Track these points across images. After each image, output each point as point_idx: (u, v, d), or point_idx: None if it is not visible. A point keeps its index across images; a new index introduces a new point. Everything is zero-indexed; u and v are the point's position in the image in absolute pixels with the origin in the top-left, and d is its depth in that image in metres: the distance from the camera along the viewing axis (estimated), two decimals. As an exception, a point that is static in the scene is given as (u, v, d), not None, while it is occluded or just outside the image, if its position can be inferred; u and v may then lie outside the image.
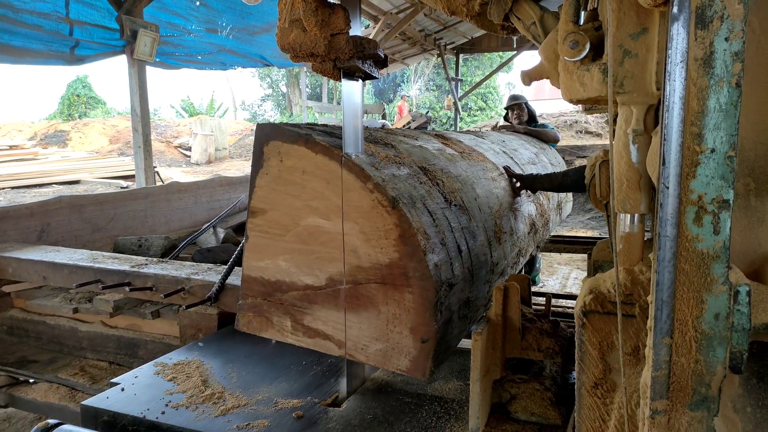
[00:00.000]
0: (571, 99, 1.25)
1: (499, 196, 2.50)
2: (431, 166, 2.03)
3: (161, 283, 2.71)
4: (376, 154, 1.75)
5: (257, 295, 1.82)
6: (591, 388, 1.28)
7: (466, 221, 1.92)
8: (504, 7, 1.52)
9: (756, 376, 1.14)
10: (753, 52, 1.07)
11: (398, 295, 1.56)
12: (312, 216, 1.67)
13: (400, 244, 1.52)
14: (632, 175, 1.23)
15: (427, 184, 1.82)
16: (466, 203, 2.01)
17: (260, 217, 1.78)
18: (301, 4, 1.54)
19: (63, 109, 25.43)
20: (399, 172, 1.74)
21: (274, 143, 1.70)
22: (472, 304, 1.86)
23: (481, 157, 2.71)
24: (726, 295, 0.91)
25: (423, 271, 1.51)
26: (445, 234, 1.69)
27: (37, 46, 5.16)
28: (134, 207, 4.39)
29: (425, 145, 2.29)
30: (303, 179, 1.67)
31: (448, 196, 1.89)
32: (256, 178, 1.76)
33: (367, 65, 1.73)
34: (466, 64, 26.89)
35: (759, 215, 1.11)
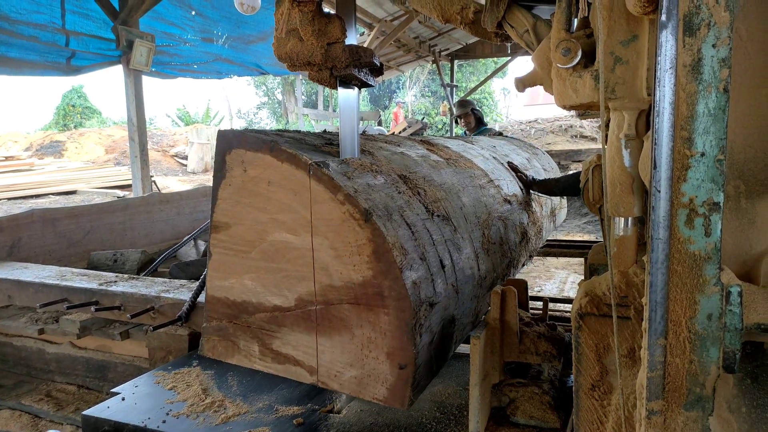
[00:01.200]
0: (564, 105, 1.27)
1: (488, 204, 2.36)
2: (412, 174, 1.91)
3: (130, 302, 2.55)
4: (349, 162, 1.64)
5: (222, 318, 1.71)
6: (588, 390, 1.29)
7: (450, 233, 1.81)
8: (497, 15, 1.54)
9: (750, 376, 1.16)
10: (740, 58, 1.10)
11: (373, 317, 1.43)
12: (279, 231, 1.55)
13: (374, 260, 1.40)
14: (625, 179, 1.25)
15: (407, 194, 1.71)
16: (450, 213, 1.89)
17: (224, 232, 1.66)
18: (297, 14, 1.56)
19: (59, 119, 25.41)
20: (375, 182, 1.62)
21: (237, 152, 1.59)
22: (457, 323, 1.75)
23: (469, 164, 2.60)
24: (718, 296, 0.93)
25: (399, 290, 1.38)
26: (426, 248, 1.57)
27: (33, 58, 5.18)
28: (112, 220, 4.18)
29: (407, 152, 2.18)
30: (268, 191, 1.55)
31: (430, 206, 1.78)
32: (219, 190, 1.64)
33: (363, 73, 1.75)
34: (461, 70, 26.98)
35: (750, 217, 1.13)
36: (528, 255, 2.80)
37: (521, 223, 2.69)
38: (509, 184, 2.81)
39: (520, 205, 2.76)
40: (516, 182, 2.89)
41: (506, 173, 2.93)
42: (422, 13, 2.07)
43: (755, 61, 1.09)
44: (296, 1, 1.52)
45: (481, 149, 3.14)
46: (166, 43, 6.60)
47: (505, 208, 2.51)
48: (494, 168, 2.85)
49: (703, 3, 0.88)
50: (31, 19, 5.06)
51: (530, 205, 2.94)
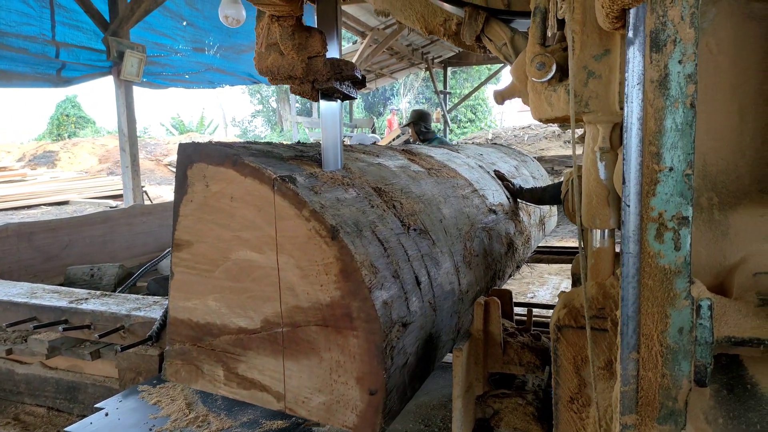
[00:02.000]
0: (540, 118, 1.28)
1: (471, 215, 2.29)
2: (388, 186, 1.85)
3: (100, 321, 2.44)
4: (318, 176, 1.57)
5: (185, 340, 1.64)
6: (567, 402, 1.29)
7: (428, 247, 1.75)
8: (475, 29, 1.56)
9: (726, 387, 1.16)
10: (712, 71, 1.11)
11: (342, 340, 1.37)
12: (243, 249, 1.48)
13: (342, 280, 1.33)
14: (600, 191, 1.26)
15: (381, 207, 1.64)
16: (428, 226, 1.83)
17: (186, 250, 1.59)
18: (277, 28, 1.57)
19: (52, 129, 25.35)
20: (345, 196, 1.56)
21: (199, 166, 1.52)
22: (436, 341, 1.70)
23: (452, 173, 2.54)
24: (689, 310, 0.94)
25: (368, 311, 1.31)
26: (400, 265, 1.51)
27: (23, 69, 5.17)
28: (91, 233, 4.09)
29: (385, 163, 2.11)
30: (231, 207, 1.48)
31: (406, 220, 1.71)
32: (180, 206, 1.57)
33: (345, 86, 1.76)
34: (455, 76, 27.12)
35: (723, 229, 1.14)
36: (515, 266, 2.75)
37: (507, 233, 2.64)
38: (495, 193, 2.77)
39: (506, 214, 2.73)
40: (503, 191, 2.86)
41: (492, 182, 2.90)
42: (406, 25, 2.08)
43: (726, 74, 1.11)
44: (275, 16, 1.53)
45: (467, 157, 3.10)
46: (157, 54, 6.61)
47: (489, 219, 2.47)
48: (480, 177, 2.81)
49: (669, 20, 0.89)
50: (20, 31, 5.06)
51: (517, 214, 2.91)
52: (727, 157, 1.12)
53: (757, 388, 1.15)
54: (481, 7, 1.71)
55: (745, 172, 1.11)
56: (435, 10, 2.00)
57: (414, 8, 2.04)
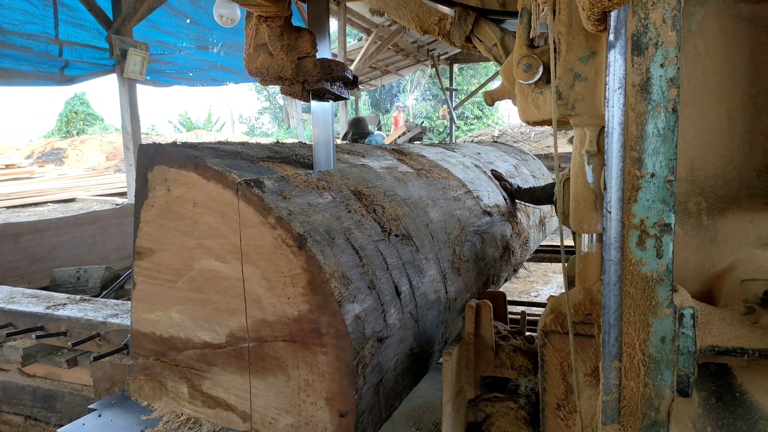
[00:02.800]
0: (527, 121, 1.27)
1: (462, 218, 2.19)
2: (370, 189, 1.75)
3: (75, 328, 2.33)
4: (290, 179, 1.47)
5: (149, 355, 1.55)
6: (554, 409, 1.28)
7: (411, 254, 1.66)
8: (465, 29, 1.54)
9: (715, 396, 1.14)
10: (699, 73, 1.08)
11: (310, 357, 1.28)
12: (206, 258, 1.39)
13: (310, 292, 1.25)
14: (588, 195, 1.24)
15: (359, 212, 1.57)
16: (412, 231, 1.75)
17: (147, 259, 1.49)
18: (266, 29, 1.56)
19: (61, 126, 25.51)
20: (319, 200, 1.47)
21: (160, 168, 1.43)
22: (419, 355, 1.63)
23: (444, 174, 2.46)
24: (671, 318, 0.92)
25: (338, 326, 1.23)
26: (377, 274, 1.43)
27: (26, 68, 5.20)
28: (80, 233, 4.01)
29: (370, 164, 2.03)
30: (194, 212, 1.39)
31: (387, 225, 1.63)
32: (141, 212, 1.48)
33: (336, 87, 1.75)
34: (462, 73, 27.02)
35: (711, 234, 1.11)
36: (512, 270, 2.68)
37: (503, 236, 2.56)
38: (491, 194, 2.70)
39: (502, 216, 2.65)
40: (499, 192, 2.84)
41: (488, 182, 2.83)
42: (401, 24, 2.06)
43: (714, 77, 1.08)
44: (263, 17, 1.52)
45: (462, 156, 3.03)
46: (160, 52, 6.62)
47: (483, 221, 2.39)
48: (475, 177, 2.73)
49: (651, 22, 0.87)
50: (24, 29, 5.08)
51: (515, 215, 2.84)
52: (715, 161, 1.10)
53: (745, 396, 1.13)
54: (474, 8, 1.69)
55: (733, 177, 1.09)
56: (430, 10, 1.98)
57: (409, 7, 2.03)
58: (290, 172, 1.54)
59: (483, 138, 16.64)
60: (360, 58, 10.50)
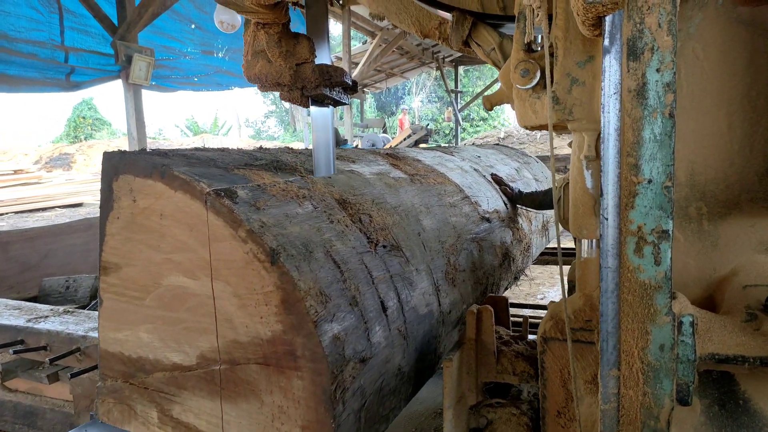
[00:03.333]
0: (525, 125, 1.26)
1: (458, 226, 2.11)
2: (356, 197, 1.67)
3: (56, 342, 2.23)
4: (267, 188, 1.40)
5: (117, 376, 1.47)
6: (554, 416, 1.26)
7: (400, 266, 1.58)
8: (462, 33, 1.53)
9: (718, 403, 1.13)
10: (698, 77, 1.07)
11: (284, 382, 1.19)
12: (175, 273, 1.31)
13: (284, 312, 1.16)
14: (587, 201, 1.23)
15: (343, 223, 1.49)
16: (401, 241, 1.66)
17: (114, 274, 1.41)
18: (264, 36, 1.56)
19: (69, 132, 25.73)
20: (298, 210, 1.38)
21: (125, 178, 1.34)
22: (409, 373, 1.53)
23: (440, 179, 2.37)
24: (670, 326, 0.90)
25: (314, 349, 1.14)
26: (360, 289, 1.35)
27: (32, 75, 5.23)
28: (72, 241, 3.86)
29: (360, 170, 1.95)
30: (161, 225, 1.30)
31: (374, 236, 1.55)
32: (107, 224, 1.40)
33: (335, 92, 1.74)
34: (467, 75, 27.00)
35: (712, 239, 1.10)
36: (512, 277, 2.62)
37: (503, 242, 2.49)
38: (490, 199, 2.63)
39: (502, 222, 2.57)
40: (499, 196, 2.78)
41: (488, 187, 2.75)
42: (402, 28, 2.05)
43: (713, 81, 1.07)
44: (261, 24, 1.52)
45: (461, 160, 2.95)
46: (165, 57, 6.65)
47: (481, 228, 2.31)
48: (473, 182, 2.65)
49: (646, 27, 0.86)
50: (30, 36, 5.12)
51: (516, 221, 2.76)
52: (715, 165, 1.09)
53: (749, 404, 1.11)
54: (474, 12, 1.68)
55: (734, 181, 1.08)
56: (430, 14, 1.98)
57: (409, 12, 2.02)
58: (268, 180, 1.46)
59: (488, 140, 16.61)
60: (365, 61, 10.52)
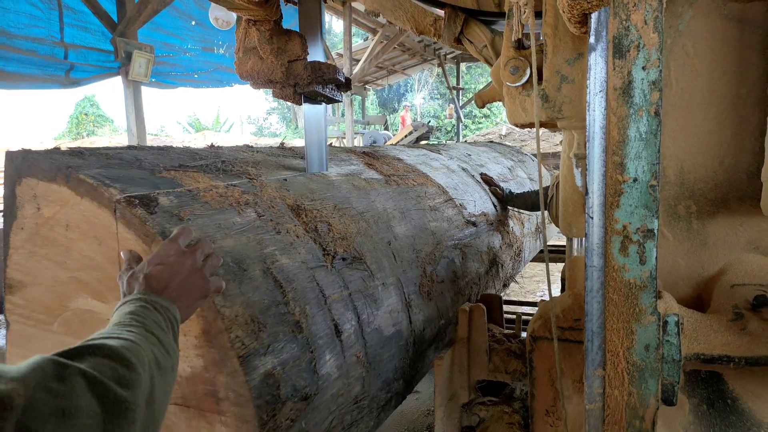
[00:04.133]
0: (515, 123, 1.25)
1: (438, 231, 1.94)
2: (315, 202, 1.49)
3: None
4: (200, 193, 1.19)
5: None
6: (543, 415, 1.26)
7: (362, 280, 1.40)
8: (454, 30, 1.52)
9: (706, 402, 1.12)
10: (689, 74, 1.06)
11: (206, 427, 1.02)
12: (82, 295, 1.13)
13: (205, 344, 0.99)
14: (577, 199, 1.22)
15: (293, 233, 1.29)
16: (366, 252, 1.49)
17: (19, 294, 1.22)
18: (255, 33, 1.55)
19: (72, 128, 25.72)
20: (236, 220, 1.19)
21: (28, 182, 1.13)
22: (371, 405, 1.36)
23: (421, 179, 2.19)
24: (655, 326, 0.90)
25: (239, 390, 0.96)
26: (307, 312, 1.16)
27: (32, 71, 5.22)
28: None
29: (326, 170, 1.80)
30: (67, 238, 1.11)
31: (332, 246, 1.37)
32: (11, 235, 1.20)
33: (328, 89, 1.74)
34: (470, 72, 26.92)
35: (701, 238, 1.09)
36: (502, 284, 2.50)
37: (491, 247, 2.32)
38: (478, 201, 2.46)
39: (490, 225, 2.41)
40: (489, 198, 2.64)
41: (476, 188, 2.58)
42: (397, 25, 2.05)
43: (703, 78, 1.06)
44: (252, 21, 1.51)
45: (448, 159, 2.77)
46: (165, 54, 6.63)
47: (466, 233, 2.15)
48: (460, 182, 2.48)
49: (632, 24, 0.86)
50: (29, 33, 5.10)
51: (506, 224, 2.60)
52: (705, 164, 1.08)
53: (737, 403, 1.11)
54: (469, 9, 1.67)
55: (723, 180, 1.07)
56: (425, 11, 1.97)
57: (404, 8, 2.01)
58: (204, 184, 1.25)
59: (490, 137, 16.55)
60: (366, 57, 10.48)
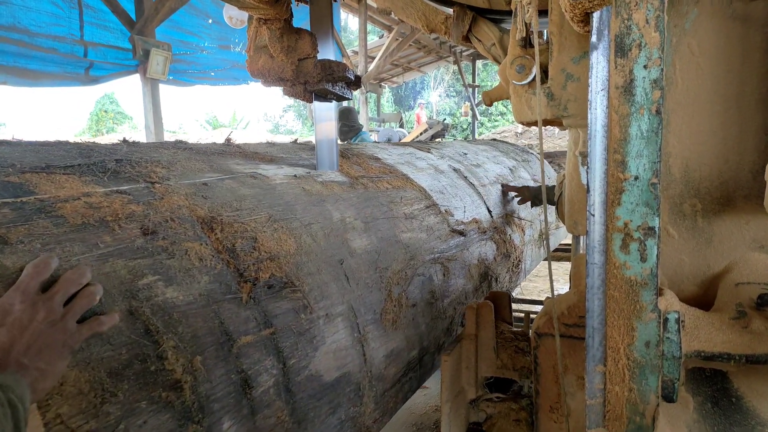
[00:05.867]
0: (522, 121, 1.26)
1: (413, 244, 1.65)
2: (238, 212, 1.19)
3: None
4: (54, 205, 0.90)
5: None
6: (547, 411, 1.27)
7: (294, 313, 1.12)
8: (462, 29, 1.53)
9: (711, 400, 1.12)
10: (693, 73, 1.06)
11: None
12: None
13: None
14: (582, 197, 1.23)
15: (197, 255, 1.00)
16: (304, 275, 1.19)
17: None
18: (266, 31, 1.58)
19: (92, 125, 26.10)
20: (105, 240, 0.90)
21: None
22: None
23: (398, 182, 1.91)
24: (655, 323, 0.90)
25: None
26: (197, 365, 0.87)
27: (52, 69, 5.32)
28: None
29: (269, 172, 1.49)
30: None
31: (252, 270, 1.09)
32: None
33: (338, 87, 1.76)
34: (486, 69, 26.77)
35: (706, 236, 1.09)
36: None
37: (482, 260, 2.04)
38: (469, 206, 2.17)
39: (482, 234, 2.12)
40: (482, 202, 2.35)
41: (468, 191, 2.27)
42: (408, 23, 2.06)
43: (708, 76, 1.06)
44: (263, 19, 1.53)
45: (438, 159, 2.46)
46: (183, 52, 6.71)
47: (450, 244, 1.86)
48: (449, 185, 2.16)
49: (634, 23, 0.86)
50: (50, 31, 5.20)
51: (503, 231, 2.31)
52: (710, 162, 1.08)
53: (742, 401, 1.11)
54: (480, 8, 1.68)
55: (728, 178, 1.07)
56: (436, 9, 1.98)
57: (416, 6, 2.03)
58: (70, 191, 0.95)
59: (506, 134, 16.48)
60: (381, 54, 10.49)
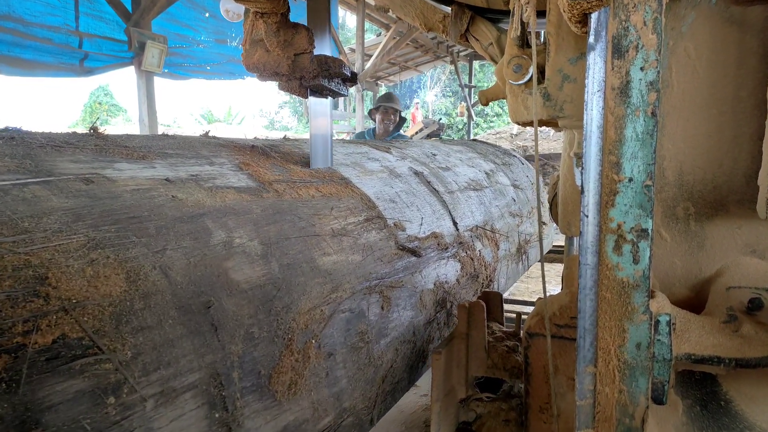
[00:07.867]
0: (518, 121, 1.26)
1: (336, 270, 1.30)
2: (20, 236, 0.78)
3: None
4: None
5: None
6: (537, 412, 1.27)
7: (94, 398, 0.72)
8: (460, 28, 1.53)
9: (700, 404, 1.12)
10: (689, 76, 1.06)
11: None
12: None
13: None
14: (576, 198, 1.23)
15: None
16: (124, 334, 0.79)
17: None
18: (262, 25, 1.57)
19: (86, 117, 25.97)
20: None
21: None
22: None
23: (333, 188, 1.59)
24: (646, 325, 0.90)
25: None
26: None
27: (47, 59, 5.29)
28: None
29: (121, 174, 1.06)
30: None
31: (14, 331, 0.68)
32: None
33: (334, 83, 1.75)
34: (483, 69, 26.82)
35: (699, 240, 1.10)
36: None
37: (440, 284, 1.73)
38: (428, 217, 1.85)
39: (443, 251, 1.78)
40: (446, 212, 2.02)
41: (429, 199, 1.96)
42: (406, 21, 2.06)
43: (704, 80, 1.06)
44: (259, 13, 1.53)
45: (398, 160, 2.15)
46: (178, 45, 6.68)
47: (398, 266, 1.54)
48: (404, 191, 1.85)
49: (631, 24, 0.86)
50: (45, 21, 5.17)
51: (471, 247, 1.99)
52: (704, 166, 1.08)
53: (731, 405, 1.11)
54: (471, 6, 1.68)
55: (722, 182, 1.07)
56: (434, 7, 1.97)
57: (414, 5, 2.02)
58: None
59: (501, 135, 16.51)
60: (378, 53, 10.48)
